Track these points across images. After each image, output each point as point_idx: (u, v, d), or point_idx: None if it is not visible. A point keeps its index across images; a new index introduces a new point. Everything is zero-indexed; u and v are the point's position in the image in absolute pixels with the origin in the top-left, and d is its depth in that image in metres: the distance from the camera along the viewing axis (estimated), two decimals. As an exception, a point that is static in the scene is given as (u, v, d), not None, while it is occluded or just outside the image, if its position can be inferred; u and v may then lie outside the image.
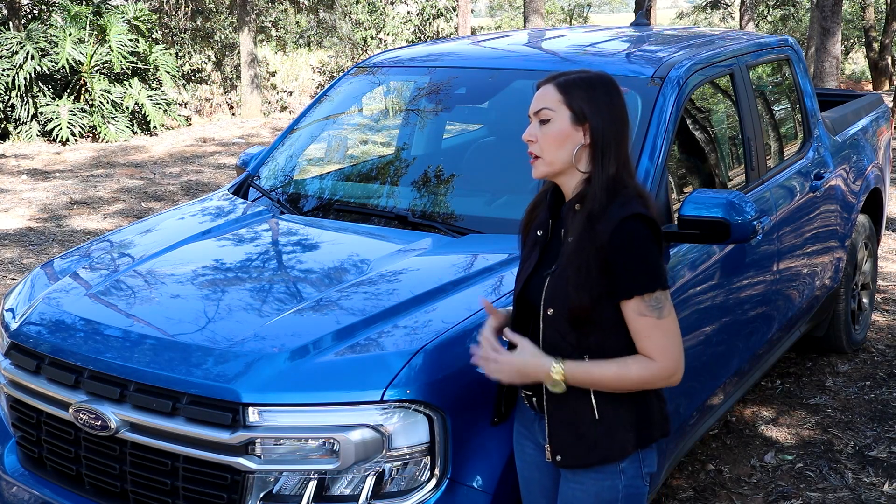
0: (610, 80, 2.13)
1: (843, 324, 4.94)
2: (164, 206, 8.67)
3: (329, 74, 22.70)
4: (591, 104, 2.07)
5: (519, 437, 2.30)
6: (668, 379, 2.05)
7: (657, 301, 2.02)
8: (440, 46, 4.45)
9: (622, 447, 2.09)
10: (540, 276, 2.12)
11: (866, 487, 3.75)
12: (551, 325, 2.08)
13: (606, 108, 2.08)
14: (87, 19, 13.34)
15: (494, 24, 32.87)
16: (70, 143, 12.47)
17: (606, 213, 2.03)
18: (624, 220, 2.00)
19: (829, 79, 12.83)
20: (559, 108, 2.08)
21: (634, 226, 2.01)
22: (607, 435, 2.07)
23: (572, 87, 2.09)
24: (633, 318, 2.03)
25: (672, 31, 4.64)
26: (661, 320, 2.02)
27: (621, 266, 2.00)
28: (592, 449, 2.08)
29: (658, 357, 2.02)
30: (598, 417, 2.07)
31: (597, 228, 2.01)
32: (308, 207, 3.58)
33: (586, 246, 2.02)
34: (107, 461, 2.56)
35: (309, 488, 2.34)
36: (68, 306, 2.85)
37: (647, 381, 2.04)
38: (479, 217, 3.29)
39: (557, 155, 2.08)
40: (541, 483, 2.27)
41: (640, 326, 2.02)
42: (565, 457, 2.11)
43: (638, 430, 2.10)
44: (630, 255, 2.00)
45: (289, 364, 2.38)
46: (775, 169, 4.06)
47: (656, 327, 2.02)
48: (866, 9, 23.14)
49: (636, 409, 2.10)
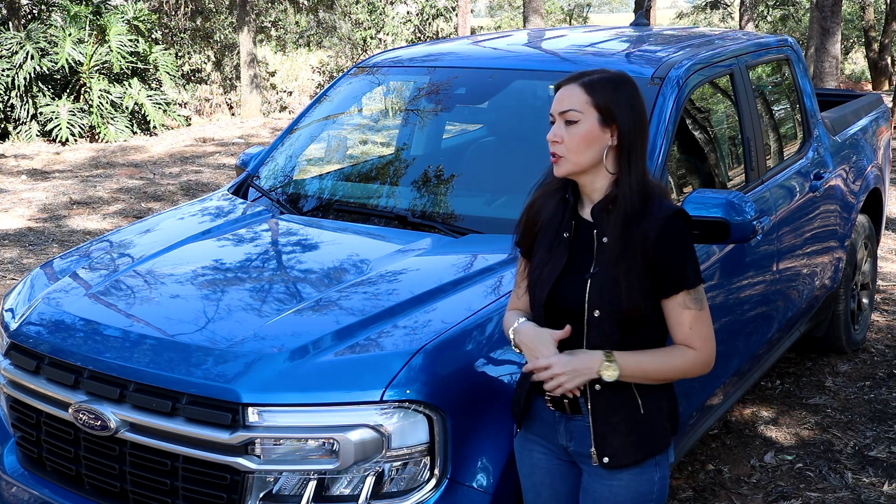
0: (631, 80, 2.14)
1: (843, 324, 4.94)
2: (163, 206, 8.66)
3: (329, 74, 22.71)
4: (617, 105, 2.08)
5: (524, 443, 2.29)
6: (706, 367, 2.13)
7: (699, 294, 2.09)
8: (440, 46, 4.45)
9: (664, 439, 2.14)
10: (576, 278, 2.11)
11: (866, 487, 3.75)
12: (597, 327, 2.08)
13: (630, 109, 2.09)
14: (86, 19, 13.34)
15: (494, 24, 32.87)
16: (70, 143, 12.47)
17: (646, 213, 2.05)
18: (670, 217, 2.05)
19: (829, 79, 12.83)
20: (587, 110, 2.08)
21: (679, 223, 2.07)
22: (652, 429, 2.12)
23: (598, 88, 2.08)
24: (678, 312, 2.08)
25: (672, 31, 4.64)
26: (703, 312, 2.10)
27: (669, 262, 2.05)
28: (640, 444, 2.11)
29: (700, 347, 2.09)
30: (643, 412, 2.10)
31: (640, 227, 2.04)
32: (308, 207, 3.58)
33: (630, 247, 2.04)
34: (106, 461, 2.56)
35: (309, 488, 2.33)
36: (68, 306, 2.85)
37: (689, 370, 2.11)
38: (479, 217, 3.29)
39: (585, 156, 2.08)
40: (552, 488, 2.26)
41: (684, 319, 2.08)
42: (615, 457, 2.11)
43: (672, 421, 2.18)
44: (677, 252, 2.06)
45: (288, 364, 2.38)
46: (775, 169, 4.05)
47: (699, 319, 2.09)
48: (866, 9, 23.13)
49: (669, 400, 2.17)
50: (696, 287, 2.09)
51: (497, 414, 2.41)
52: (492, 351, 2.51)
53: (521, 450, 2.30)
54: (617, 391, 2.09)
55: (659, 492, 2.16)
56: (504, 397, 2.42)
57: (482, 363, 2.48)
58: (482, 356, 2.49)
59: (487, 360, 2.49)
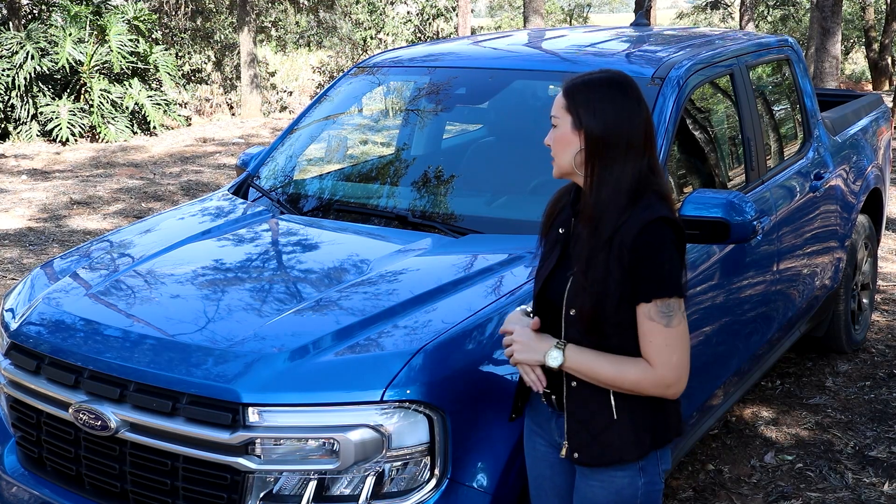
0: (616, 81, 2.10)
1: (843, 324, 4.94)
2: (163, 206, 8.67)
3: (329, 74, 22.72)
4: (587, 108, 2.07)
5: (531, 435, 2.30)
6: (664, 389, 2.03)
7: (668, 308, 2.01)
8: (440, 46, 4.45)
9: (639, 448, 2.09)
10: (561, 275, 2.13)
11: (866, 487, 3.75)
12: (573, 326, 2.09)
13: (606, 111, 2.05)
14: (87, 19, 13.34)
15: (494, 24, 32.86)
16: (70, 143, 12.47)
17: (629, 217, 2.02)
18: (649, 223, 2.00)
19: (829, 79, 12.83)
20: (563, 115, 2.10)
21: (658, 229, 2.01)
22: (623, 436, 2.08)
23: (574, 92, 2.10)
24: (642, 322, 2.02)
25: (672, 31, 4.64)
26: (668, 329, 2.01)
27: (641, 269, 2.00)
28: (608, 448, 2.09)
29: (657, 364, 2.01)
30: (615, 418, 2.07)
31: (619, 233, 2.01)
32: (308, 207, 3.58)
33: (598, 249, 2.03)
34: (107, 461, 2.56)
35: (309, 488, 2.34)
36: (68, 306, 2.85)
37: (641, 386, 2.03)
38: (479, 217, 3.29)
39: (564, 159, 2.11)
40: (552, 481, 2.27)
41: (645, 330, 2.02)
42: (582, 454, 2.11)
43: (654, 432, 2.11)
44: (650, 259, 2.00)
45: (289, 364, 2.38)
46: (775, 169, 4.06)
47: (660, 334, 2.01)
48: (866, 9, 23.13)
49: (653, 411, 2.10)
50: (668, 299, 2.00)
51: (498, 414, 2.41)
52: (492, 351, 2.51)
53: (527, 440, 2.31)
54: (592, 392, 2.08)
55: (643, 498, 2.13)
56: (504, 397, 2.41)
57: (482, 363, 2.48)
58: (482, 356, 2.50)
59: (488, 361, 2.50)
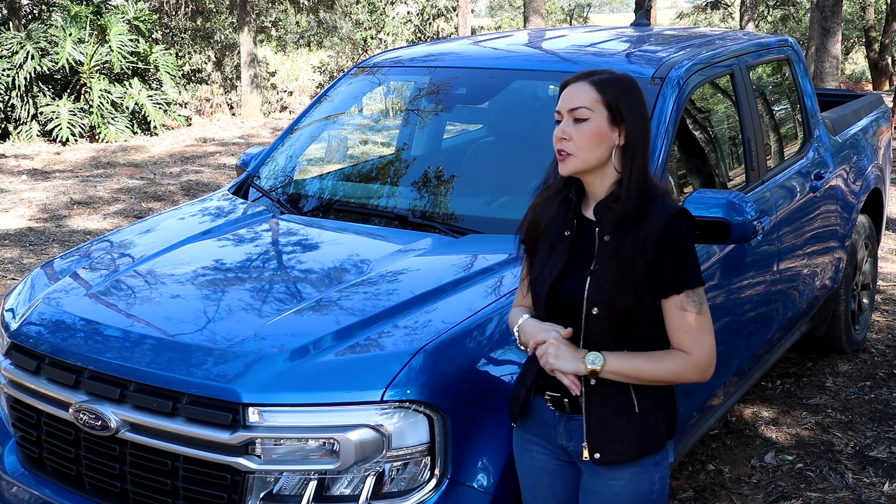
0: (636, 81, 2.16)
1: (843, 324, 4.94)
2: (163, 206, 8.67)
3: (329, 74, 22.72)
4: (627, 105, 2.09)
5: (525, 444, 2.29)
6: (702, 372, 2.09)
7: (699, 296, 2.08)
8: (440, 46, 4.45)
9: (659, 439, 2.13)
10: (573, 276, 2.12)
11: (866, 488, 3.74)
12: (595, 324, 2.09)
13: (638, 110, 2.11)
14: (87, 19, 13.34)
15: (494, 24, 32.85)
16: (70, 143, 12.47)
17: (647, 213, 2.05)
18: (673, 216, 2.05)
19: (829, 79, 12.83)
20: (597, 108, 2.09)
21: (680, 222, 2.07)
22: (646, 428, 2.11)
23: (609, 87, 2.10)
24: (675, 314, 2.06)
25: (672, 31, 4.64)
26: (701, 315, 2.07)
27: (670, 262, 2.04)
28: (633, 443, 2.10)
29: (694, 351, 2.07)
30: (637, 411, 2.10)
31: (641, 228, 2.04)
32: (308, 207, 3.58)
33: (625, 246, 2.05)
34: (107, 461, 2.56)
35: (309, 488, 2.34)
36: (68, 306, 2.85)
37: (682, 375, 2.08)
38: (479, 217, 3.29)
39: (593, 154, 2.09)
40: (552, 488, 2.26)
41: (680, 321, 2.06)
42: (606, 453, 2.11)
43: (668, 422, 2.16)
44: (678, 252, 2.05)
45: (289, 364, 2.38)
46: (775, 169, 4.05)
47: (695, 322, 2.06)
48: (866, 9, 23.13)
49: (668, 401, 2.16)
50: (696, 289, 2.07)
51: (497, 414, 2.40)
52: (492, 351, 2.51)
53: (520, 450, 2.30)
54: (613, 388, 2.09)
55: (659, 492, 2.16)
56: (504, 397, 2.41)
57: (483, 363, 2.48)
58: (483, 356, 2.50)
59: (488, 360, 2.50)
